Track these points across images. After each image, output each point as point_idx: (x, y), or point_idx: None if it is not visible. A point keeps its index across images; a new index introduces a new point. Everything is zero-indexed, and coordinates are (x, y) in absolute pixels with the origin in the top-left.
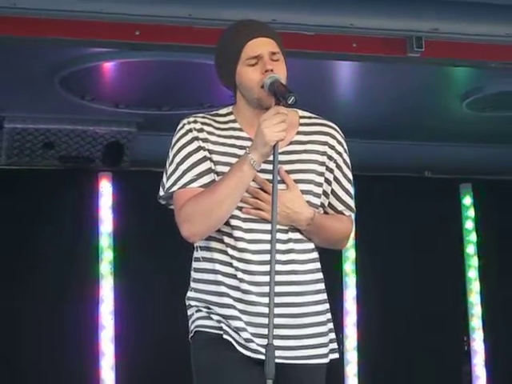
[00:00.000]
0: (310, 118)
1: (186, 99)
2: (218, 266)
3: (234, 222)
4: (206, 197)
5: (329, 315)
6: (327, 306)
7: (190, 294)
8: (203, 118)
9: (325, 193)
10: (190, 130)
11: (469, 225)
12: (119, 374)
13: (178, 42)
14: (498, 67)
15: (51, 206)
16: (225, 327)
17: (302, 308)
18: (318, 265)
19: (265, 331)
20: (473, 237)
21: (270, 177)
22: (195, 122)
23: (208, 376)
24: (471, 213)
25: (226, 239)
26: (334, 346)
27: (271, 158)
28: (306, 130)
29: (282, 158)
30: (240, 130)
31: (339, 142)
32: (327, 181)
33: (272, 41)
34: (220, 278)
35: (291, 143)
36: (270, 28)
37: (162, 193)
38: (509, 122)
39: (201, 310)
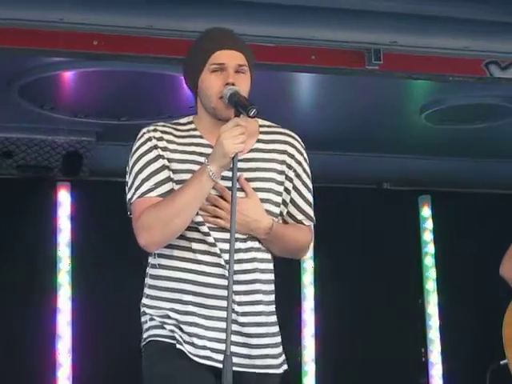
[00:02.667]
0: (269, 126)
1: (145, 109)
2: (178, 274)
3: (203, 229)
4: (165, 206)
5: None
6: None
7: (144, 300)
8: (163, 126)
9: (284, 202)
10: (150, 139)
11: (427, 236)
12: None
13: (136, 53)
14: (457, 80)
15: (9, 214)
16: (177, 337)
17: (261, 317)
18: (273, 276)
19: (223, 336)
20: (431, 248)
21: (229, 184)
22: (155, 130)
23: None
24: (429, 224)
25: (195, 245)
26: (283, 358)
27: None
28: (266, 138)
29: (241, 165)
30: (200, 137)
31: (299, 151)
32: (286, 190)
33: (240, 54)
34: (182, 285)
35: (251, 151)
36: (242, 41)
37: (128, 205)
38: (467, 135)
39: (154, 319)
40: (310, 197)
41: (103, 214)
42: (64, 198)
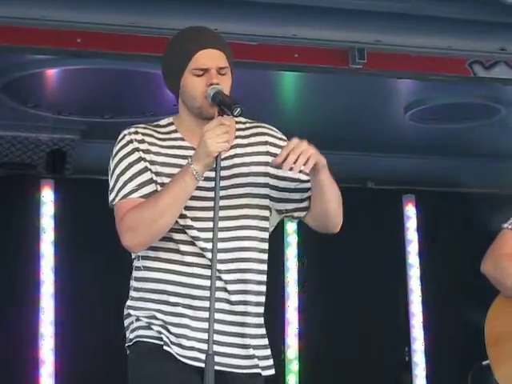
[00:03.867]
0: (245, 123)
1: (129, 107)
2: (165, 275)
3: (192, 233)
4: (149, 207)
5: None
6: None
7: (129, 302)
8: (144, 128)
9: (277, 188)
10: (131, 141)
11: (411, 235)
12: None
13: (119, 51)
14: (441, 80)
15: None
16: (165, 338)
17: (248, 318)
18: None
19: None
20: (415, 247)
21: (212, 185)
22: (136, 132)
23: None
24: (413, 223)
25: (183, 247)
26: (271, 362)
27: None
28: (243, 134)
29: (224, 163)
30: (182, 139)
31: (280, 139)
32: (277, 177)
33: (222, 54)
34: (169, 287)
35: (232, 147)
36: (222, 39)
37: (110, 206)
38: (451, 134)
39: (140, 320)
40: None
41: (87, 212)
42: (47, 196)
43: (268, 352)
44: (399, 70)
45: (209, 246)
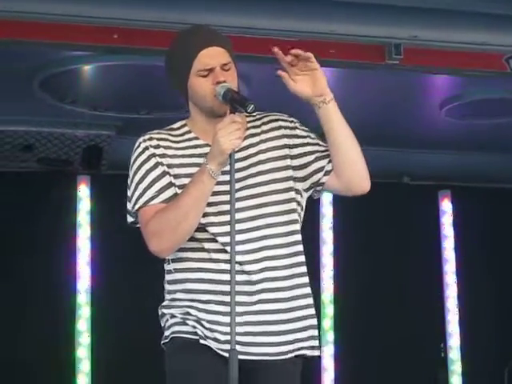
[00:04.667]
0: (255, 114)
1: (164, 103)
2: (195, 275)
3: (212, 230)
4: (171, 211)
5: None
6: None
7: (163, 303)
8: (158, 133)
9: (300, 167)
10: (147, 148)
11: (447, 231)
12: None
13: (155, 46)
14: (477, 75)
15: (29, 207)
16: (199, 332)
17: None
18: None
19: (241, 329)
20: (451, 242)
21: (227, 178)
22: (150, 139)
23: (182, 380)
24: (449, 219)
25: (207, 245)
26: (314, 343)
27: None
28: (254, 124)
29: (238, 155)
30: (196, 138)
31: (291, 121)
32: (296, 156)
33: (223, 50)
34: (200, 285)
35: (244, 138)
36: (220, 35)
37: (130, 219)
38: (487, 130)
39: (175, 316)
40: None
41: (123, 208)
42: (84, 192)
43: (311, 333)
44: (435, 65)
45: (228, 239)
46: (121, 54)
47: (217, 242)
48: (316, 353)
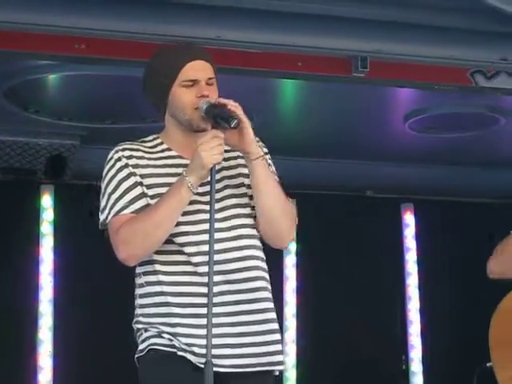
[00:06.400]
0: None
1: (130, 113)
2: (165, 288)
3: (182, 239)
4: (144, 219)
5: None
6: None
7: (136, 319)
8: (131, 144)
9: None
10: (119, 159)
11: (409, 243)
12: None
13: (121, 57)
14: (442, 89)
15: None
16: (177, 344)
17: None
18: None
19: (219, 341)
20: (413, 255)
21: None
22: (123, 150)
23: None
24: (412, 232)
25: (179, 257)
26: (279, 358)
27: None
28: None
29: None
30: (169, 149)
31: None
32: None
33: (209, 65)
34: (170, 298)
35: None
36: (206, 52)
37: (101, 227)
38: (450, 144)
39: (149, 330)
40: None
41: (86, 218)
42: (47, 202)
43: (274, 348)
44: (401, 78)
45: (193, 249)
46: (86, 64)
47: (183, 254)
48: (279, 368)
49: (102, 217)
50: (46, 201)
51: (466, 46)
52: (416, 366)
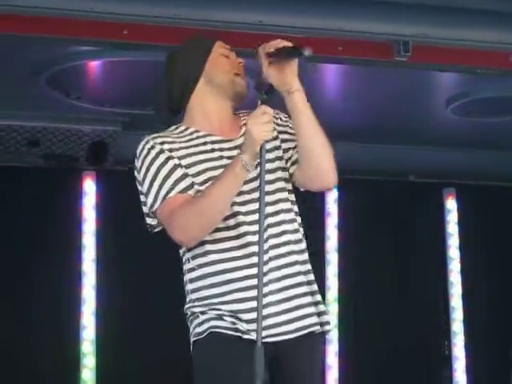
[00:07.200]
0: (248, 114)
1: None
2: (221, 266)
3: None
4: (200, 201)
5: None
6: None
7: (189, 304)
8: (159, 133)
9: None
10: (153, 147)
11: (452, 229)
12: None
13: (164, 43)
14: (484, 73)
15: (34, 203)
16: (240, 327)
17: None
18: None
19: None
20: (455, 240)
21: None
22: (154, 138)
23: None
24: (454, 217)
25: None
26: (325, 318)
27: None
28: None
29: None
30: (196, 131)
31: (277, 117)
32: (286, 149)
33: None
34: (227, 276)
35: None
36: None
37: (149, 221)
38: (493, 128)
39: (207, 313)
40: None
41: (128, 204)
42: (89, 188)
43: (317, 309)
44: (443, 63)
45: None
46: (129, 50)
47: (235, 236)
48: (326, 328)
49: (147, 206)
50: (88, 187)
51: (508, 30)
52: (458, 352)
